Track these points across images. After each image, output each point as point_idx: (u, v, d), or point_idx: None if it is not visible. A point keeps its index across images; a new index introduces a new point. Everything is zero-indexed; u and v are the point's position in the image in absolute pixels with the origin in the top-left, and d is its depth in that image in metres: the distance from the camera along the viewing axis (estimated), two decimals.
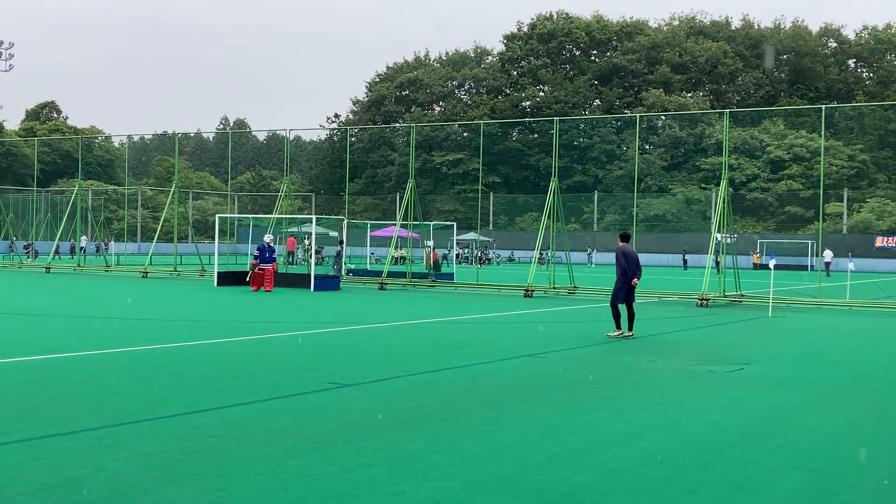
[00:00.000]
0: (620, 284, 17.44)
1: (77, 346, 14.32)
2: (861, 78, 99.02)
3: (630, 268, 17.32)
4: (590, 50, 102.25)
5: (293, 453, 7.57)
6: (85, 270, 41.81)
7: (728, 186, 30.15)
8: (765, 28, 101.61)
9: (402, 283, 34.36)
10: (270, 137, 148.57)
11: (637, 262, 17.55)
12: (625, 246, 17.64)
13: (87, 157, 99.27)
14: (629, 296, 17.51)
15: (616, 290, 17.57)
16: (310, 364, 12.98)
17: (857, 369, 13.87)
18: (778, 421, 9.56)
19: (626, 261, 17.34)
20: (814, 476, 7.29)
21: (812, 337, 18.79)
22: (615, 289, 17.62)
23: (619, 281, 17.47)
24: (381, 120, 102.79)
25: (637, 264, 17.51)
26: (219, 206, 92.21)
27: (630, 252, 17.54)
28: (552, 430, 8.76)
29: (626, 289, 17.41)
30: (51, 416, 8.97)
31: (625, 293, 17.43)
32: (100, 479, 6.67)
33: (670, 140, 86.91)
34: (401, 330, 18.67)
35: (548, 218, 31.43)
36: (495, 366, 13.30)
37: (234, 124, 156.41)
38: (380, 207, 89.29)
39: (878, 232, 67.18)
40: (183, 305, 23.84)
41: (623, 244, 17.73)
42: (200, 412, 9.29)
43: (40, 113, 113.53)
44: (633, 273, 17.33)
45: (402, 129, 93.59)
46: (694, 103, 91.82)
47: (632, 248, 17.90)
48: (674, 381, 12.12)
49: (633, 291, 17.65)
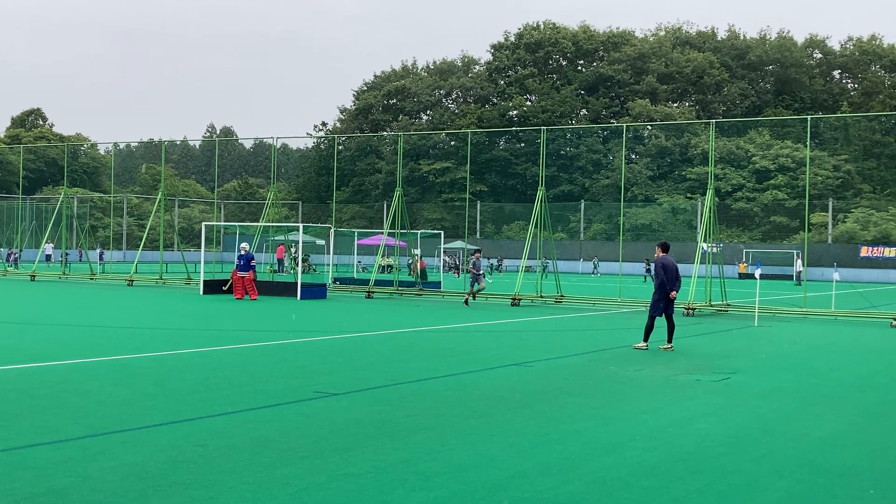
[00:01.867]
0: (658, 297, 16.85)
1: (61, 354, 14.24)
2: (846, 89, 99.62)
3: (669, 280, 16.83)
4: (576, 60, 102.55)
5: (280, 463, 7.55)
6: (70, 279, 41.61)
7: (714, 196, 30.27)
8: (750, 39, 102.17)
9: (390, 291, 34.34)
10: (257, 145, 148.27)
11: (677, 273, 17.05)
12: (664, 257, 17.11)
13: (73, 165, 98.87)
14: (668, 308, 16.97)
15: (654, 303, 16.96)
16: (296, 373, 12.95)
17: (842, 379, 13.93)
18: (764, 430, 9.59)
19: (665, 272, 16.82)
20: (800, 485, 7.31)
21: (798, 346, 18.86)
22: (653, 301, 17.01)
23: (657, 293, 16.89)
24: (369, 128, 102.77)
25: (677, 275, 17.01)
26: (205, 214, 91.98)
27: (670, 263, 17.00)
28: (539, 439, 8.76)
29: (665, 301, 16.85)
30: (35, 425, 8.92)
31: (664, 305, 16.86)
32: (85, 489, 6.63)
33: (656, 150, 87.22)
34: (388, 339, 18.64)
35: (535, 227, 31.48)
36: (482, 375, 13.29)
37: (220, 132, 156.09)
38: (367, 216, 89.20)
39: (863, 242, 67.52)
40: (168, 314, 23.74)
41: (663, 254, 17.21)
42: (186, 421, 9.25)
43: (26, 120, 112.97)
44: (672, 285, 16.85)
45: (389, 137, 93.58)
46: (680, 113, 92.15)
47: (671, 259, 17.31)
48: (660, 391, 12.15)
49: (673, 303, 17.12)
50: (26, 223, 71.98)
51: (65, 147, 73.11)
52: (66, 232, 47.56)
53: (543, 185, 31.76)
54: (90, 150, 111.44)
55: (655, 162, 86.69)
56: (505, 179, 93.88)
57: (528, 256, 32.59)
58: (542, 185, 31.62)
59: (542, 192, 31.37)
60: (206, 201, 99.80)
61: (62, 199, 45.10)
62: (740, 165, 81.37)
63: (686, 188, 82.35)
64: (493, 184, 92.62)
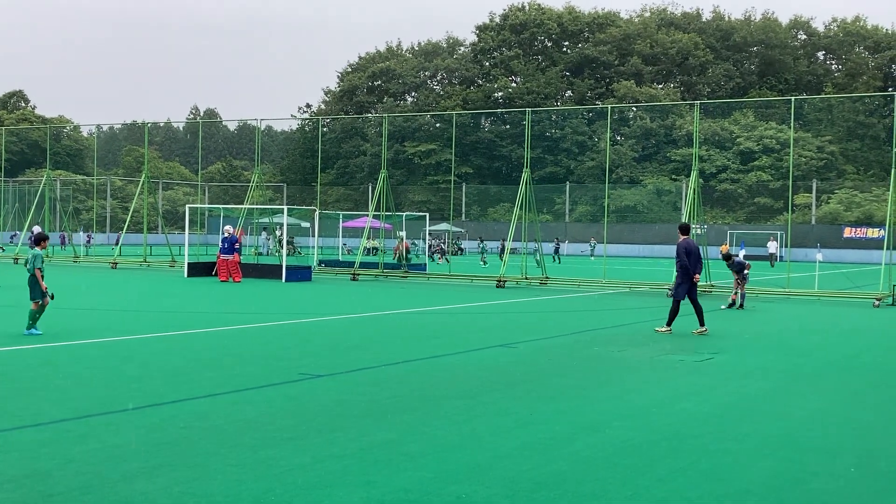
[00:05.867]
0: (681, 280, 16.65)
1: (45, 337, 14.17)
2: (830, 70, 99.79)
3: (692, 263, 16.61)
4: (561, 41, 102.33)
5: (264, 444, 7.55)
6: (53, 261, 41.36)
7: (698, 177, 30.32)
8: (735, 20, 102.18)
9: (375, 273, 34.30)
10: (241, 127, 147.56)
11: (699, 255, 16.92)
12: (686, 240, 16.84)
13: (56, 147, 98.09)
14: (692, 291, 16.75)
15: (677, 286, 16.84)
16: (281, 354, 12.94)
17: (825, 358, 14.02)
18: (747, 409, 9.65)
19: (688, 255, 16.57)
20: (783, 463, 7.36)
21: (781, 326, 18.95)
22: (676, 284, 16.92)
23: (679, 276, 16.70)
24: (354, 110, 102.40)
25: (698, 258, 16.88)
26: (189, 197, 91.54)
27: (692, 246, 16.80)
28: (524, 419, 8.79)
29: (689, 284, 16.64)
30: (19, 407, 8.88)
31: (687, 289, 16.64)
32: (69, 471, 6.61)
33: (641, 131, 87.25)
34: (373, 320, 18.64)
35: (520, 209, 31.47)
36: (467, 356, 13.32)
37: (204, 114, 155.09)
38: (352, 198, 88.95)
39: (847, 223, 67.84)
40: (153, 296, 23.66)
41: (685, 237, 16.94)
42: (170, 403, 9.23)
43: (8, 102, 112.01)
44: (695, 268, 16.66)
45: (374, 119, 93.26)
46: (665, 95, 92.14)
47: (693, 242, 17.08)
48: (644, 371, 12.20)
49: (696, 286, 16.92)
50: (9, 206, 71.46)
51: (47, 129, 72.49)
52: (49, 215, 47.24)
53: (528, 166, 31.74)
54: (73, 133, 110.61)
55: (640, 143, 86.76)
56: (490, 161, 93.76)
57: (512, 238, 32.59)
58: (528, 167, 31.60)
59: (527, 173, 31.36)
60: (190, 183, 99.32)
61: (45, 181, 44.80)
62: (725, 147, 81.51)
63: (671, 170, 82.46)
64: (479, 166, 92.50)
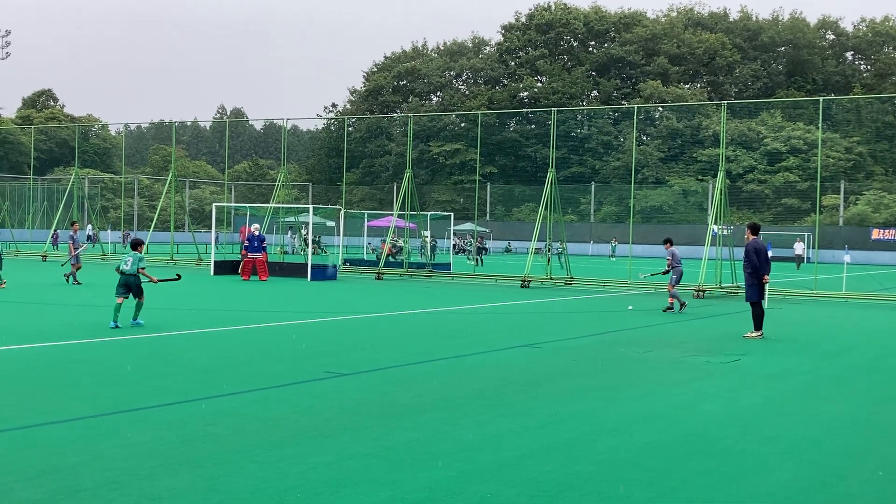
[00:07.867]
0: (751, 282, 16.27)
1: (72, 334, 14.31)
2: (859, 70, 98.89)
3: (761, 264, 16.28)
4: (587, 41, 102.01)
5: (289, 442, 7.59)
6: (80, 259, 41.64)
7: (725, 178, 30.13)
8: (763, 20, 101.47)
9: (399, 272, 34.36)
10: (267, 127, 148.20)
11: (767, 256, 16.57)
12: (755, 240, 16.52)
13: (84, 146, 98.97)
14: (761, 293, 16.45)
15: (748, 288, 16.49)
16: (305, 353, 12.99)
17: (851, 361, 13.91)
18: (773, 411, 9.59)
19: (758, 256, 16.26)
20: (808, 466, 7.31)
21: (807, 328, 18.82)
22: (747, 286, 16.54)
23: (749, 278, 16.30)
24: (379, 110, 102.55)
25: (767, 259, 16.52)
26: (216, 196, 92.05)
27: (761, 246, 16.50)
28: (547, 419, 8.78)
29: (759, 286, 16.33)
30: (46, 404, 8.98)
31: (757, 290, 16.29)
32: (96, 467, 6.68)
33: (667, 131, 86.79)
34: (397, 320, 18.68)
35: (545, 209, 31.41)
36: (491, 356, 13.32)
37: (231, 113, 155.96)
38: (377, 197, 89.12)
39: (875, 224, 67.19)
40: (178, 294, 23.81)
41: (754, 238, 16.59)
42: (196, 401, 9.30)
43: (37, 101, 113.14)
44: (764, 269, 16.31)
45: (399, 118, 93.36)
46: (691, 95, 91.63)
47: (762, 242, 16.73)
48: (669, 372, 12.15)
49: (764, 288, 16.62)
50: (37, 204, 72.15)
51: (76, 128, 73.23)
52: (77, 213, 47.66)
53: (554, 166, 31.66)
54: (101, 132, 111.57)
55: (666, 144, 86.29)
56: (515, 161, 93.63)
57: (538, 238, 32.53)
58: (553, 167, 31.52)
59: (552, 173, 31.28)
60: (216, 182, 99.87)
61: (73, 180, 45.20)
62: (752, 147, 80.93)
63: (697, 170, 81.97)
64: (503, 166, 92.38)
